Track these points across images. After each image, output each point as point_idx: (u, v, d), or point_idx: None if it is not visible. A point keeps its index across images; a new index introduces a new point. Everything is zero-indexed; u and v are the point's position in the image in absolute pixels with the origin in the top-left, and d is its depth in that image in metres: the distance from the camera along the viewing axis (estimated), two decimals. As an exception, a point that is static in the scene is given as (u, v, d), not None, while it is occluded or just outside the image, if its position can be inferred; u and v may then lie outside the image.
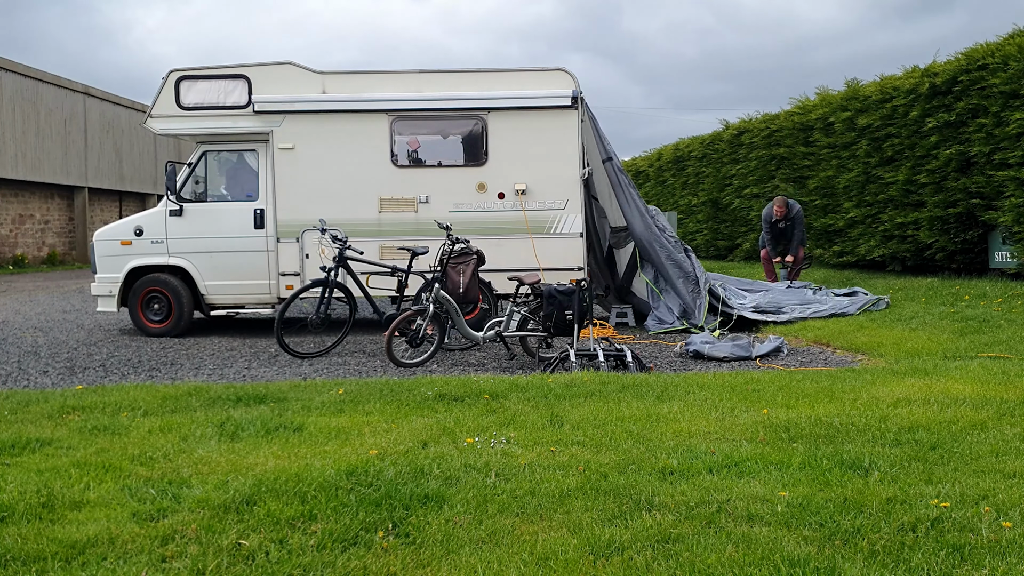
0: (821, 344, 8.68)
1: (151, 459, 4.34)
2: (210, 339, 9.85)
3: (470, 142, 10.22)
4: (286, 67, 10.08)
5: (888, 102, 13.95)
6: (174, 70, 10.05)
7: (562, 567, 3.02)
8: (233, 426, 4.96)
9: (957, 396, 5.45)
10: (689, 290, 9.90)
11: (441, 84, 10.07)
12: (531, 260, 9.82)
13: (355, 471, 4.02)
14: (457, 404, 5.53)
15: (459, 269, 8.01)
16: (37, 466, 4.21)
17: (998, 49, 11.82)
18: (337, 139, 10.01)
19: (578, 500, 3.67)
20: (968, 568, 2.96)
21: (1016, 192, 11.41)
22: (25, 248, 26.92)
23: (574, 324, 7.65)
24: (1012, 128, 11.34)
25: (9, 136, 25.40)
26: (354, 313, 8.95)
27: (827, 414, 5.04)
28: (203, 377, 7.42)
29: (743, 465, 4.09)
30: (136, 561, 3.11)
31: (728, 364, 7.77)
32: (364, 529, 3.37)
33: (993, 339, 7.88)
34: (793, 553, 3.07)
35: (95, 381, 7.20)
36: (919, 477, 3.90)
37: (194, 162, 10.14)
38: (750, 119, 19.92)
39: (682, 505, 3.57)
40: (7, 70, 25.41)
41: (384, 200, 10.01)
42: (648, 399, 5.58)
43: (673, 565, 3.02)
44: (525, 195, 9.97)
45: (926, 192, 13.14)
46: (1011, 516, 3.38)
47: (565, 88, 9.97)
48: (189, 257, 10.02)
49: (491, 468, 4.09)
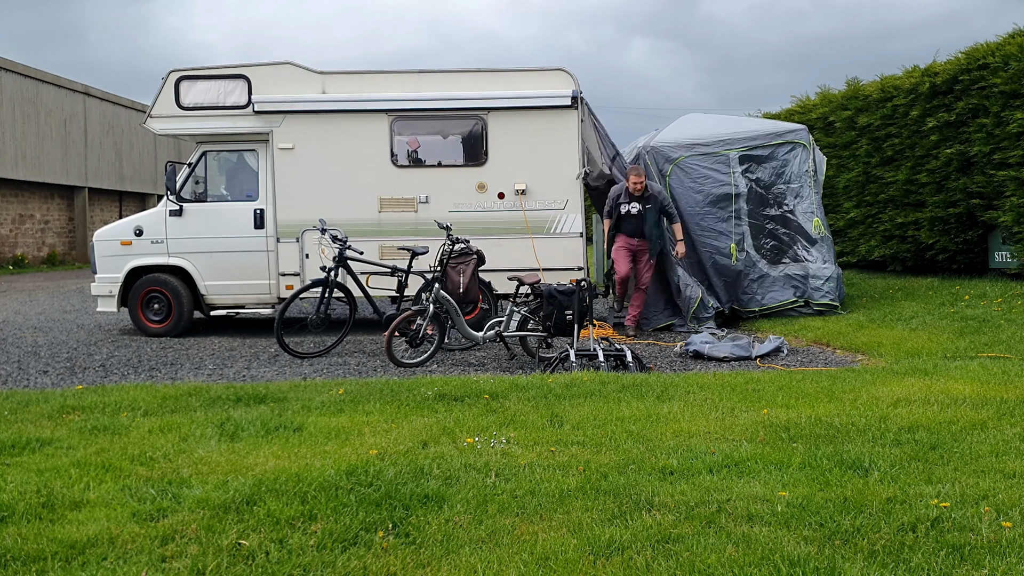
0: (821, 344, 8.68)
1: (151, 459, 4.34)
2: (210, 339, 9.85)
3: (470, 142, 10.22)
4: (286, 67, 10.08)
5: (888, 101, 13.95)
6: (174, 70, 10.05)
7: (562, 567, 3.02)
8: (233, 426, 4.96)
9: (957, 396, 5.45)
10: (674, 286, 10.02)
11: (441, 84, 10.07)
12: (531, 260, 9.82)
13: (355, 471, 4.02)
14: (457, 404, 5.54)
15: (459, 269, 8.01)
16: (37, 466, 4.22)
17: (998, 48, 11.81)
18: (337, 139, 10.01)
19: (578, 500, 3.67)
20: (968, 568, 2.96)
21: (1016, 192, 11.41)
22: (25, 248, 26.91)
23: (574, 324, 7.64)
24: (1012, 128, 11.33)
25: (9, 136, 25.39)
26: (354, 313, 8.95)
27: (827, 414, 5.05)
28: (203, 377, 7.42)
29: (743, 465, 4.09)
30: (136, 561, 3.11)
31: (728, 364, 7.77)
32: (364, 529, 3.37)
33: (993, 339, 7.88)
34: (793, 553, 3.07)
35: (95, 381, 7.20)
36: (919, 477, 3.90)
37: (194, 162, 10.14)
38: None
39: (682, 505, 3.57)
40: (7, 70, 25.41)
41: (384, 200, 10.01)
42: (648, 399, 5.58)
43: (673, 565, 3.02)
44: (525, 195, 9.97)
45: (926, 192, 13.13)
46: (1011, 516, 3.38)
47: (565, 88, 9.97)
48: (189, 257, 10.02)
49: (491, 468, 4.09)
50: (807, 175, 10.59)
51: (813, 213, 10.53)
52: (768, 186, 10.49)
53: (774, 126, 11.09)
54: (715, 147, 10.48)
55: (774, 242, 10.49)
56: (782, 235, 10.51)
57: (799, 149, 10.62)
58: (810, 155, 10.64)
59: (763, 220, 10.46)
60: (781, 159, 10.57)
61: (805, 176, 10.58)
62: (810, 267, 10.45)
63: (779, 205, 10.50)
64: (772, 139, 10.61)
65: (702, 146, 10.49)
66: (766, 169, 10.51)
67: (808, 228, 10.47)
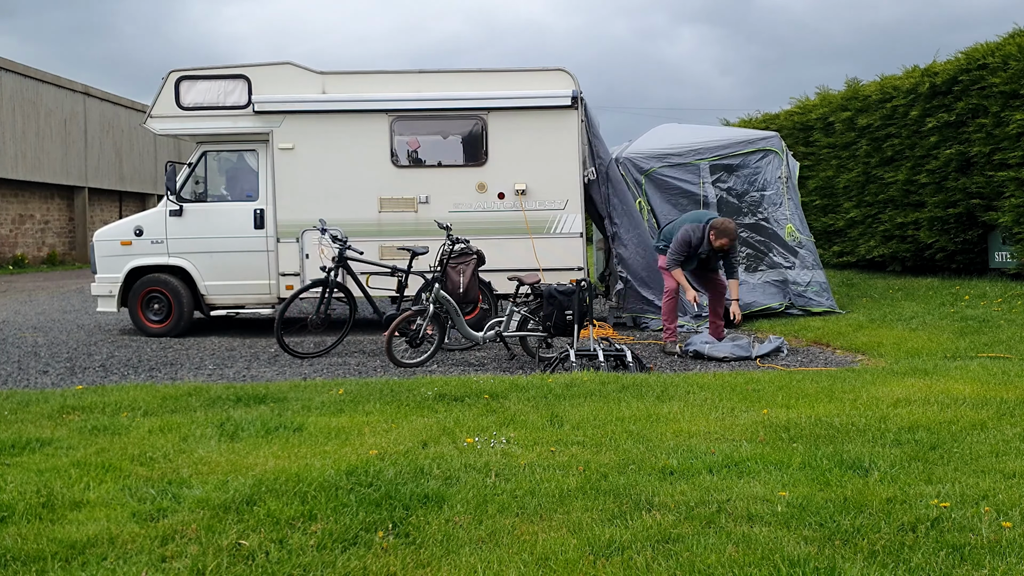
0: (821, 344, 8.68)
1: (151, 459, 4.34)
2: (210, 339, 9.85)
3: (470, 142, 10.22)
4: (286, 67, 10.09)
5: (888, 102, 13.96)
6: (174, 70, 10.05)
7: (562, 567, 3.02)
8: (233, 426, 4.96)
9: (957, 396, 5.45)
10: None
11: (441, 84, 10.08)
12: (531, 260, 9.82)
13: (355, 471, 4.02)
14: (457, 404, 5.54)
15: (459, 269, 8.01)
16: (37, 466, 4.21)
17: (998, 48, 11.82)
18: (337, 139, 10.01)
19: (578, 500, 3.67)
20: (968, 568, 2.96)
21: (1016, 192, 11.42)
22: (25, 248, 26.91)
23: (574, 324, 7.65)
24: (1012, 128, 11.34)
25: (9, 136, 25.39)
26: (354, 313, 8.96)
27: (827, 414, 5.05)
28: (203, 377, 7.42)
29: (743, 465, 4.10)
30: (136, 561, 3.11)
31: (728, 364, 7.77)
32: (364, 529, 3.37)
33: (993, 339, 7.88)
34: (793, 553, 3.07)
35: (95, 381, 7.20)
36: (919, 477, 3.90)
37: (194, 162, 10.14)
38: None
39: (682, 505, 3.57)
40: (7, 70, 25.41)
41: (384, 200, 10.01)
42: (648, 399, 5.58)
43: (673, 565, 3.02)
44: (525, 195, 9.97)
45: (926, 192, 13.14)
46: (1011, 516, 3.38)
47: (565, 88, 9.97)
48: (189, 257, 10.02)
49: (491, 468, 4.09)
50: (780, 182, 10.67)
51: (788, 219, 10.61)
52: (740, 194, 10.59)
53: (745, 134, 11.18)
54: (687, 156, 10.59)
55: (749, 250, 10.57)
56: (757, 242, 10.59)
57: (771, 156, 10.69)
58: (783, 162, 10.72)
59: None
60: (753, 167, 10.66)
61: (778, 183, 10.66)
62: (788, 273, 10.54)
63: (753, 213, 10.60)
64: (744, 147, 10.69)
65: (674, 156, 10.60)
66: (738, 178, 10.60)
67: (782, 235, 10.57)
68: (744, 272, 10.46)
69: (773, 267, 10.58)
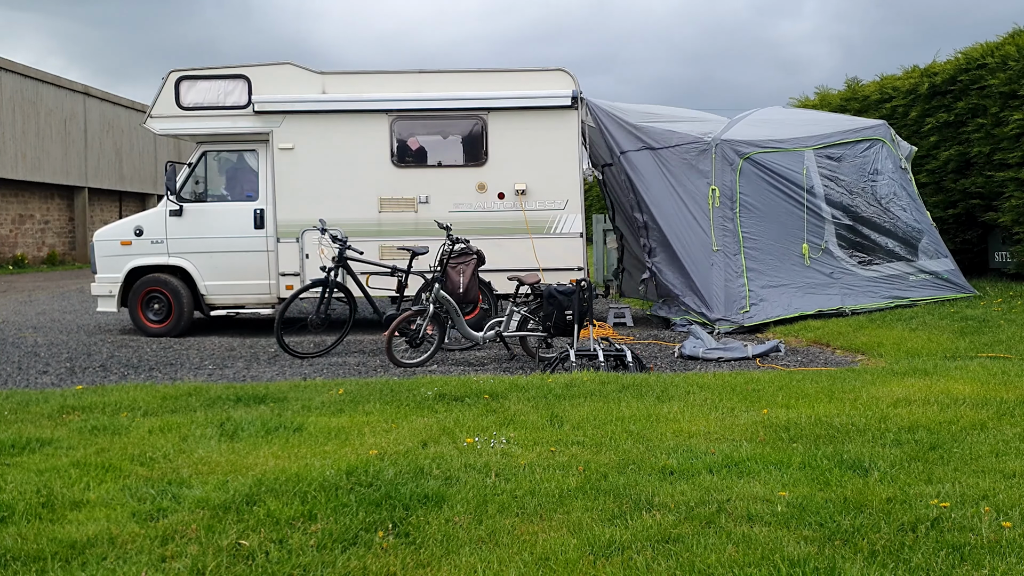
0: (821, 344, 8.68)
1: (151, 459, 4.34)
2: (210, 339, 9.85)
3: (470, 142, 10.22)
4: (286, 67, 10.09)
5: (887, 102, 13.96)
6: (174, 70, 10.06)
7: (562, 567, 3.02)
8: (233, 426, 4.96)
9: (957, 396, 5.45)
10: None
11: (441, 84, 10.08)
12: (531, 260, 9.82)
13: (355, 471, 4.02)
14: (457, 404, 5.54)
15: (459, 269, 8.01)
16: (37, 466, 4.21)
17: (997, 49, 11.82)
18: (337, 139, 10.02)
19: (578, 500, 3.67)
20: (968, 568, 2.96)
21: (1016, 192, 11.42)
22: (25, 248, 26.91)
23: (574, 324, 7.65)
24: (1011, 128, 11.34)
25: (9, 136, 25.39)
26: (354, 313, 8.96)
27: (827, 414, 5.05)
28: (203, 377, 7.42)
29: (743, 465, 4.10)
30: (136, 561, 3.11)
31: (728, 364, 7.77)
32: (364, 529, 3.37)
33: (993, 339, 7.88)
34: (793, 553, 3.07)
35: (95, 381, 7.20)
36: (919, 477, 3.90)
37: (194, 162, 10.14)
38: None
39: (682, 505, 3.57)
40: (7, 70, 25.41)
41: (384, 200, 10.01)
42: (648, 399, 5.58)
43: (673, 565, 3.02)
44: (525, 195, 9.98)
45: (926, 192, 13.13)
46: (1011, 516, 3.38)
47: (565, 88, 9.98)
48: (189, 257, 10.02)
49: (491, 468, 4.09)
50: (892, 172, 10.28)
51: (904, 209, 10.22)
52: (847, 184, 10.11)
53: (850, 122, 10.76)
54: (789, 144, 10.10)
55: (860, 240, 10.10)
56: (869, 235, 10.14)
57: (879, 145, 10.33)
58: (892, 152, 10.35)
59: (846, 219, 10.11)
60: (861, 156, 10.22)
61: (891, 173, 10.26)
62: (913, 265, 10.19)
63: (864, 203, 10.14)
64: (850, 135, 10.30)
65: (776, 142, 10.12)
66: (845, 167, 10.12)
67: (901, 225, 10.20)
68: (856, 265, 10.02)
69: (890, 261, 10.16)
